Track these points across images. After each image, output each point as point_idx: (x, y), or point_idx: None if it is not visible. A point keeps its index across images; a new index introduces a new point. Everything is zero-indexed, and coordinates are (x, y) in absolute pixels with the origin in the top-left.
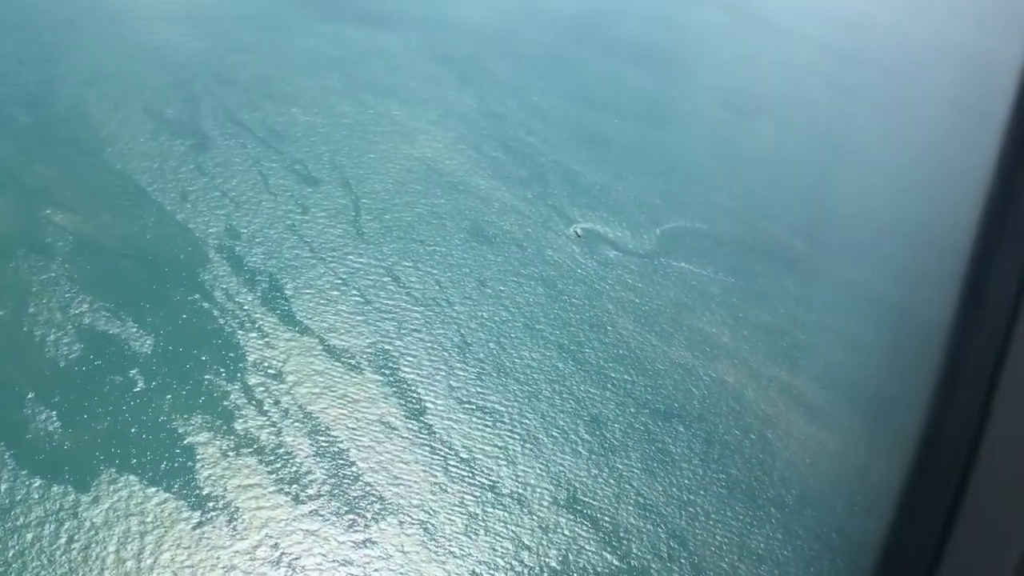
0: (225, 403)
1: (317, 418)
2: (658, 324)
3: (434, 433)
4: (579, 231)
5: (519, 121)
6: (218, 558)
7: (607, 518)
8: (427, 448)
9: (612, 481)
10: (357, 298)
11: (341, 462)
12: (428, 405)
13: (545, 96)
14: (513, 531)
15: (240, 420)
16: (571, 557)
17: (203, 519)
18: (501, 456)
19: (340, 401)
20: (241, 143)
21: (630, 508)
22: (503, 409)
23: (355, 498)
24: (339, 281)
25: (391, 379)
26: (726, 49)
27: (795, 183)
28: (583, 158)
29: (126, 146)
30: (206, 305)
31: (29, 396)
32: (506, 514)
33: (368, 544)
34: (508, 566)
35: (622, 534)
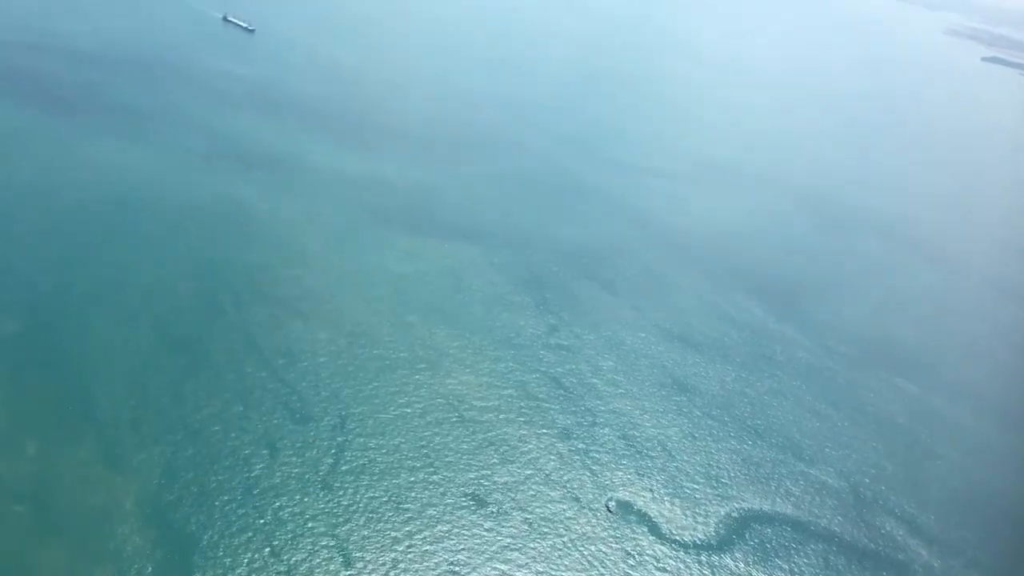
0: None
1: None
2: None
3: None
4: (612, 505)
5: (589, 357)
6: None
7: None
8: None
9: None
10: None
11: None
12: None
13: (632, 329)
14: None
15: None
16: None
17: None
18: None
19: None
20: (242, 366)
21: None
22: None
23: None
24: (267, 554)
25: None
26: (875, 284)
27: (935, 461)
28: (653, 407)
29: (105, 368)
30: (93, 572)
31: None
32: None
33: None
34: None
35: None
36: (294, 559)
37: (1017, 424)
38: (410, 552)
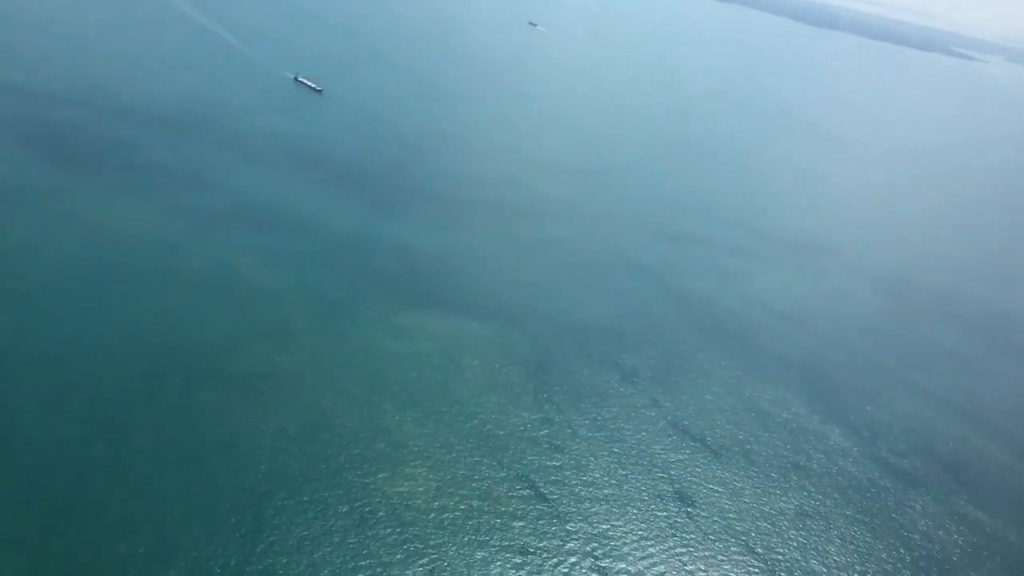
0: None
1: None
2: None
3: None
4: None
5: (579, 459)
6: None
7: None
8: None
9: None
10: None
11: None
12: None
13: (641, 426)
14: None
15: None
16: None
17: None
18: None
19: None
20: (165, 458)
21: None
22: None
23: None
24: None
25: None
26: (952, 383)
27: None
28: (640, 525)
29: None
30: None
31: None
32: None
33: None
34: None
35: None
36: None
37: None
38: None
